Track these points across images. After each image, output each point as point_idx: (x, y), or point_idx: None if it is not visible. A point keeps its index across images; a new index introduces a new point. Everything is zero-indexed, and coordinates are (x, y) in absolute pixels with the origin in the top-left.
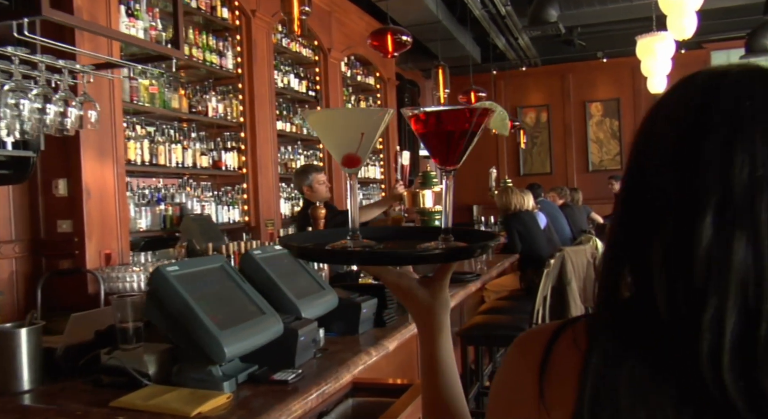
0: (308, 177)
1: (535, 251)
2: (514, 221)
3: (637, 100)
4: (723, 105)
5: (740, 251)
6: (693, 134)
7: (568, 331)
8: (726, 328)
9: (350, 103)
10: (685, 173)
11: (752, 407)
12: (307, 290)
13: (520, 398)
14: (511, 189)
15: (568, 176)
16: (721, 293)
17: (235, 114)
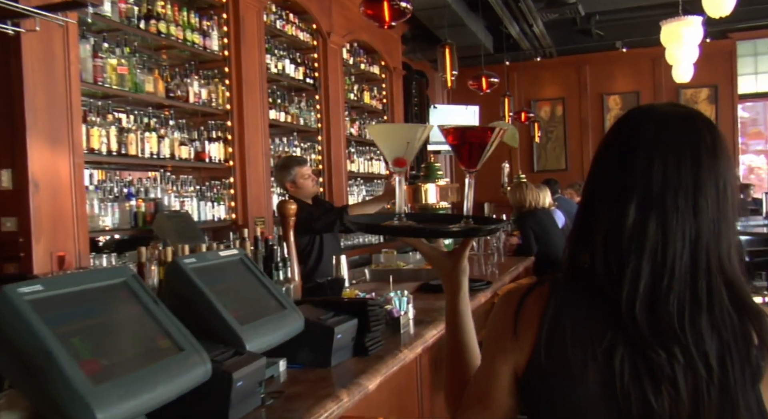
0: (290, 171)
1: (552, 253)
2: (528, 219)
3: (657, 93)
4: (646, 132)
5: (653, 227)
6: (626, 152)
7: (536, 289)
8: (641, 280)
9: (352, 93)
10: (621, 177)
11: (654, 332)
12: (260, 311)
13: (501, 334)
14: (525, 185)
15: (583, 173)
16: (638, 256)
17: (221, 101)
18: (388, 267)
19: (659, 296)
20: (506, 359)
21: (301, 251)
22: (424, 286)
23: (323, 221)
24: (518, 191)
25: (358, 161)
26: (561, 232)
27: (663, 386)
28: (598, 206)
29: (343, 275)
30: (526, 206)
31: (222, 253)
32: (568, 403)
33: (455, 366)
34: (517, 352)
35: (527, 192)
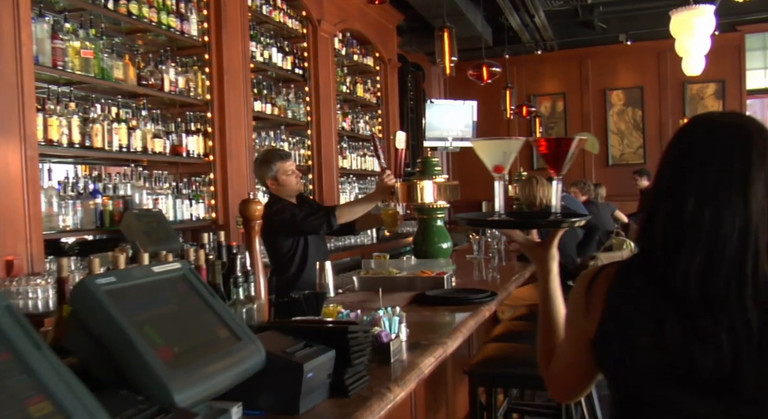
0: (272, 167)
1: (564, 256)
2: None
3: (663, 88)
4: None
5: (707, 216)
6: (684, 155)
7: (605, 270)
8: (695, 259)
9: (345, 85)
10: (681, 176)
11: (703, 301)
12: (203, 346)
13: (576, 308)
14: (536, 180)
15: (585, 171)
16: (694, 240)
17: (201, 90)
18: (379, 275)
19: (710, 272)
20: (581, 327)
21: (282, 256)
22: (420, 297)
23: (309, 223)
24: (528, 187)
25: (350, 157)
26: (570, 234)
27: (707, 346)
28: (661, 199)
29: (327, 283)
30: (537, 204)
31: (157, 268)
32: (628, 361)
33: (546, 335)
34: (589, 320)
35: (538, 188)
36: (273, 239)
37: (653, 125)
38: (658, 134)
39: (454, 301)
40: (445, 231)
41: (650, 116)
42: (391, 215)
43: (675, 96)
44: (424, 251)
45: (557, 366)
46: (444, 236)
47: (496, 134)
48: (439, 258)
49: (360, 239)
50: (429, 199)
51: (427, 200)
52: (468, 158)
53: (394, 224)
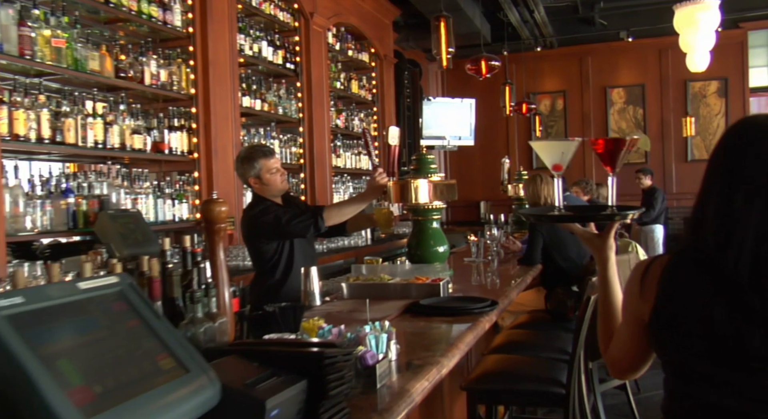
0: (254, 164)
1: (567, 261)
2: (541, 224)
3: (664, 86)
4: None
5: (757, 208)
6: (733, 153)
7: (658, 260)
8: (745, 246)
9: (339, 81)
10: (729, 173)
11: (752, 285)
12: (138, 382)
13: (632, 294)
14: (540, 177)
15: (585, 170)
16: (744, 229)
17: (185, 84)
18: (370, 281)
19: (759, 258)
20: (637, 311)
21: (266, 262)
22: (414, 307)
23: (294, 225)
24: (532, 185)
25: (344, 156)
26: (574, 239)
27: (755, 326)
28: (711, 196)
29: (313, 290)
30: (541, 203)
31: (85, 284)
32: (680, 342)
33: (606, 319)
34: (644, 305)
35: (542, 187)
36: (256, 243)
37: (655, 123)
38: (660, 132)
39: (451, 311)
40: (441, 234)
41: (652, 115)
42: (385, 215)
43: (677, 94)
44: (418, 255)
45: (616, 347)
46: (440, 238)
47: (496, 131)
48: (434, 263)
49: (353, 240)
50: (424, 199)
51: (422, 200)
52: (466, 157)
53: (389, 224)
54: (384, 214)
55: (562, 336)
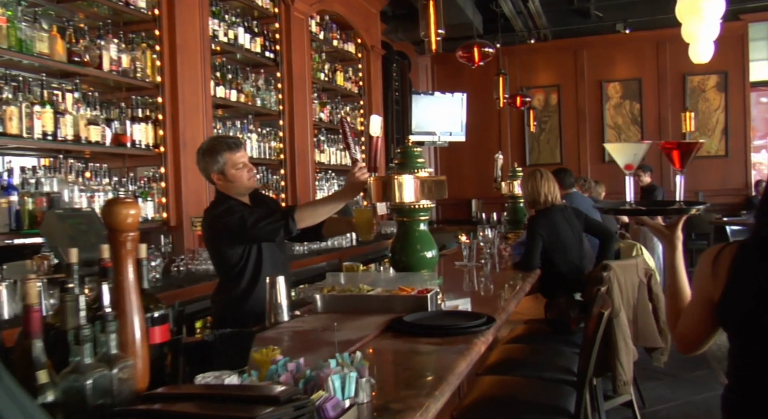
0: (217, 158)
1: (569, 265)
2: (541, 221)
3: (662, 80)
4: None
5: None
6: None
7: (728, 248)
8: None
9: (323, 72)
10: None
11: None
12: None
13: (703, 278)
14: (540, 173)
15: (581, 167)
16: None
17: (150, 71)
18: (347, 293)
19: None
20: (706, 292)
21: (231, 269)
22: (396, 324)
23: (261, 228)
24: (530, 182)
25: (328, 151)
26: (576, 239)
27: None
28: None
29: (280, 303)
30: (541, 203)
31: None
32: (746, 318)
33: (674, 300)
34: (714, 287)
35: (542, 183)
36: (219, 248)
37: (652, 118)
38: (657, 128)
39: (440, 331)
40: (429, 237)
41: (649, 110)
42: (365, 218)
43: (675, 88)
44: (403, 261)
45: (684, 325)
46: (428, 242)
47: (488, 127)
48: (422, 270)
49: (338, 240)
50: (409, 197)
51: (407, 198)
52: (457, 153)
53: (369, 229)
54: (364, 217)
55: (565, 353)
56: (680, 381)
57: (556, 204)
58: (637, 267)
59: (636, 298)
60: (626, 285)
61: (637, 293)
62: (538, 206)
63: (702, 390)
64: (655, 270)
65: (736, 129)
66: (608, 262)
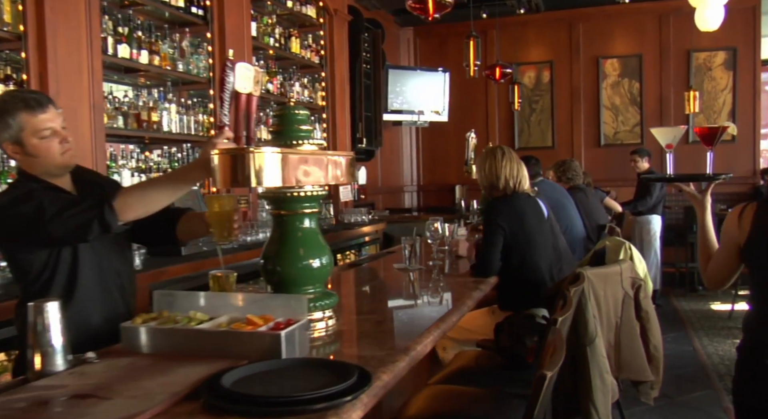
0: (9, 122)
1: (536, 272)
2: (503, 210)
3: (664, 56)
4: None
5: None
6: None
7: (749, 205)
8: None
9: (272, 37)
10: None
11: None
12: None
13: (731, 228)
14: (502, 151)
15: (574, 151)
16: None
17: (9, 17)
18: (166, 325)
19: None
20: (733, 239)
21: (32, 279)
22: (210, 388)
23: (62, 223)
24: (488, 161)
25: None
26: (545, 235)
27: None
28: None
29: (51, 341)
30: (500, 188)
31: None
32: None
33: (705, 249)
34: (740, 234)
35: (503, 164)
36: (12, 250)
37: (652, 99)
38: (658, 109)
39: (268, 405)
40: (318, 238)
41: (649, 89)
42: (220, 211)
43: (678, 66)
44: (278, 273)
45: (713, 266)
46: (315, 246)
47: (473, 105)
48: (306, 285)
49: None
50: (272, 181)
51: (269, 181)
52: (439, 135)
53: (226, 227)
54: (219, 209)
55: (516, 406)
56: (676, 407)
57: (520, 192)
58: (621, 276)
59: (620, 317)
60: (606, 300)
61: (621, 311)
62: (497, 191)
63: (702, 416)
64: (647, 278)
65: (744, 112)
66: (582, 270)
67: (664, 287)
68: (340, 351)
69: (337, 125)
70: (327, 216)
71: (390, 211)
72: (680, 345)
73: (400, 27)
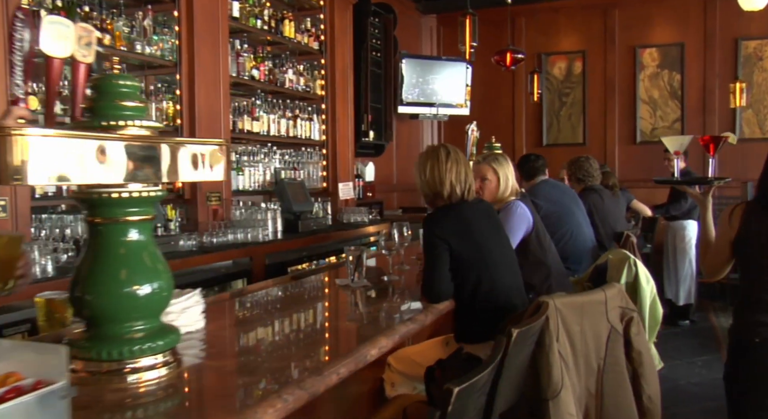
0: None
1: (494, 290)
2: (444, 222)
3: (709, 45)
4: None
5: None
6: None
7: (738, 206)
8: None
9: (259, 19)
10: None
11: None
12: None
13: (724, 225)
14: (446, 150)
15: (607, 149)
16: None
17: None
18: None
19: None
20: (726, 235)
21: None
22: None
23: None
24: (429, 164)
25: (267, 119)
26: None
27: None
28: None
29: None
30: (445, 195)
31: None
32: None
33: (706, 242)
34: (731, 231)
35: (448, 166)
36: None
37: (695, 92)
38: (701, 103)
39: None
40: (152, 257)
41: (691, 81)
42: None
43: (725, 56)
44: (88, 304)
45: (711, 257)
46: (145, 268)
47: (498, 98)
48: (126, 323)
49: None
50: (40, 178)
51: (37, 179)
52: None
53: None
54: None
55: None
56: None
57: (469, 199)
58: (605, 306)
59: (603, 358)
60: (583, 338)
61: (605, 351)
62: (441, 200)
63: None
64: (644, 307)
65: None
66: (548, 299)
67: (700, 300)
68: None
69: (338, 117)
70: (321, 215)
71: (403, 210)
72: (712, 371)
73: (422, 14)
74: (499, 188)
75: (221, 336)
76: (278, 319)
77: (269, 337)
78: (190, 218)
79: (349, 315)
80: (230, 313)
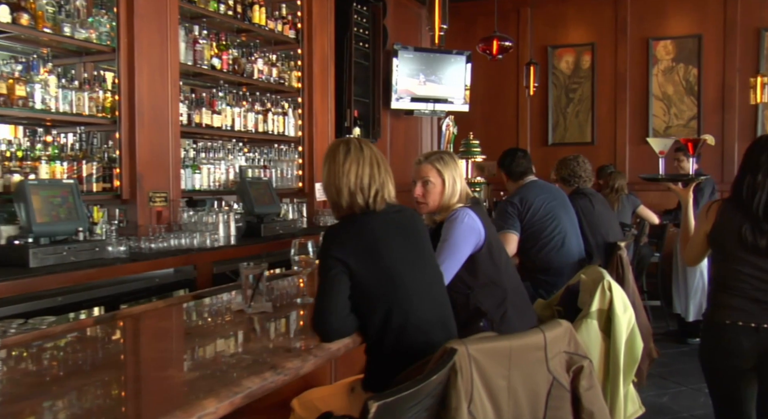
0: None
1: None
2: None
3: (729, 37)
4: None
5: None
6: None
7: (715, 203)
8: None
9: (223, 3)
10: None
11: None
12: None
13: (702, 219)
14: (345, 146)
15: (617, 148)
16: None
17: None
18: None
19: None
20: (703, 227)
21: None
22: None
23: None
24: (326, 165)
25: (231, 112)
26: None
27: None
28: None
29: None
30: (343, 204)
31: None
32: (725, 241)
33: (686, 234)
34: (707, 225)
35: (346, 168)
36: None
37: (712, 87)
38: (720, 99)
39: None
40: None
41: (709, 76)
42: None
43: (747, 48)
44: None
45: (690, 247)
46: None
47: (502, 93)
48: None
49: (207, 236)
50: None
51: None
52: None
53: None
54: None
55: None
56: None
57: (378, 209)
58: (545, 353)
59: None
60: (509, 395)
61: (544, 411)
62: (340, 210)
63: None
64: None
65: None
66: (458, 344)
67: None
68: None
69: (316, 111)
70: (293, 218)
71: None
72: None
73: (421, 5)
74: (444, 192)
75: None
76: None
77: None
78: (129, 220)
79: (196, 358)
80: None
